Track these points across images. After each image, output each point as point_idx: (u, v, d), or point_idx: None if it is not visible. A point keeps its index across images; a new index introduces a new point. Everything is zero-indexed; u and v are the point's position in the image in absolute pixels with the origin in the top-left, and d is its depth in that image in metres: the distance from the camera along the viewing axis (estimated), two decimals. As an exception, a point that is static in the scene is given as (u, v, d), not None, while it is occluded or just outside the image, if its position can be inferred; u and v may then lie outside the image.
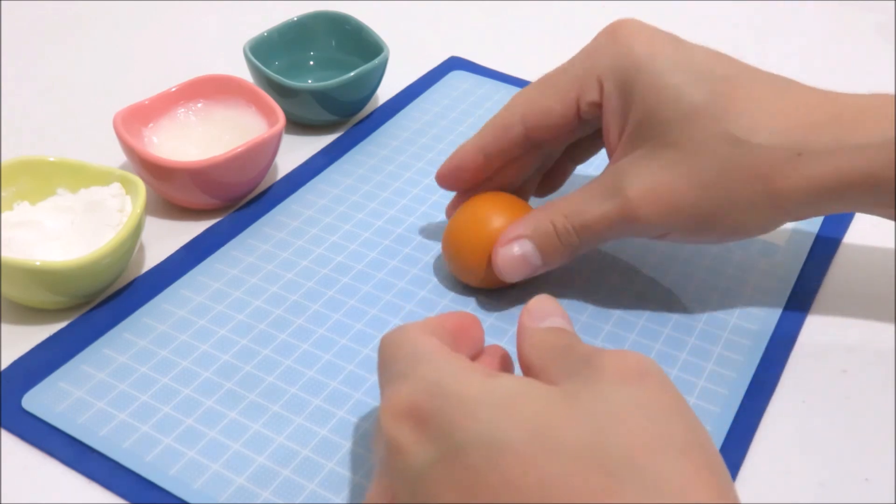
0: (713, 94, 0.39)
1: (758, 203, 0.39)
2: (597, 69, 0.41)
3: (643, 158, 0.40)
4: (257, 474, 0.37)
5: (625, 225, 0.41)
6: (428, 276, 0.46)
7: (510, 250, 0.42)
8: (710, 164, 0.39)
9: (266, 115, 0.52)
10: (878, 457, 0.39)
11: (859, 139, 0.38)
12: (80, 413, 0.39)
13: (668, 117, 0.39)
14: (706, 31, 0.70)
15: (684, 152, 0.39)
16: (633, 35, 0.41)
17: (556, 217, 0.42)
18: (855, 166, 0.38)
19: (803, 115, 0.38)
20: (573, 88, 0.42)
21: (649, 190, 0.39)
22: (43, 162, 0.47)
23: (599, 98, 0.41)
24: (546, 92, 0.43)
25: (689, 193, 0.39)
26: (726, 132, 0.38)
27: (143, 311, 0.44)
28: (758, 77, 0.40)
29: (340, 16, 0.59)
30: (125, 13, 0.69)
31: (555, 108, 0.42)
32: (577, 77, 0.42)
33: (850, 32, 0.70)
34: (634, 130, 0.40)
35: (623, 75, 0.40)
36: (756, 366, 0.42)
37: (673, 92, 0.39)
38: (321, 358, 0.42)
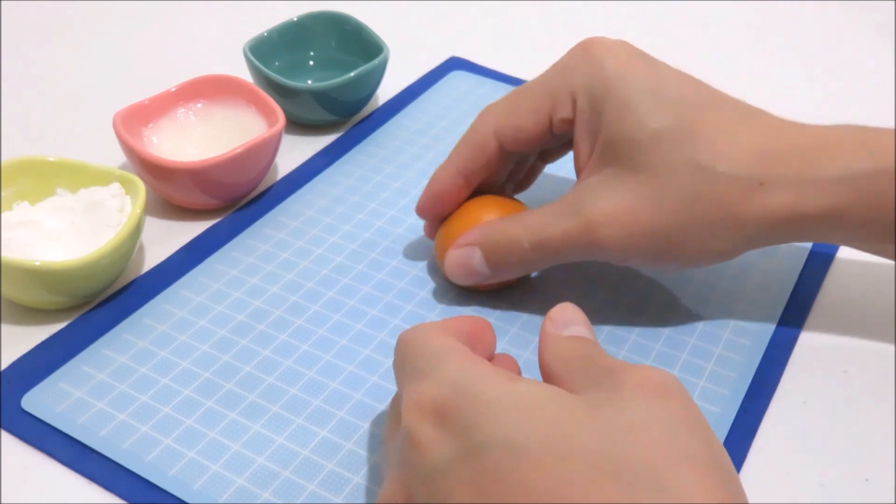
0: (680, 119, 0.39)
1: (719, 230, 0.39)
2: (570, 86, 0.41)
3: (608, 179, 0.40)
4: (257, 475, 0.37)
5: (584, 245, 0.40)
6: (427, 278, 0.46)
7: (459, 255, 0.43)
8: (674, 190, 0.39)
9: (266, 115, 0.52)
10: (878, 457, 0.39)
11: (819, 172, 0.38)
12: (80, 413, 0.39)
13: (634, 140, 0.39)
14: (705, 32, 0.70)
15: (648, 176, 0.39)
16: (606, 53, 0.41)
17: (513, 230, 0.42)
18: (814, 199, 0.38)
19: (767, 145, 0.39)
20: (546, 104, 0.42)
21: (611, 212, 0.40)
22: (43, 162, 0.47)
23: (572, 115, 0.41)
24: (519, 107, 0.43)
25: (650, 218, 0.39)
26: (691, 159, 0.38)
27: (143, 311, 0.44)
28: (726, 105, 0.40)
29: (340, 16, 0.59)
30: (125, 13, 0.69)
31: (527, 124, 0.42)
32: (551, 93, 0.42)
33: (850, 32, 0.70)
34: (603, 150, 0.40)
35: (595, 93, 0.40)
36: (756, 366, 0.42)
37: (641, 115, 0.39)
38: (321, 358, 0.42)
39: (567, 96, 0.41)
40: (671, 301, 0.45)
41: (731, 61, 0.66)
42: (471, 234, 0.43)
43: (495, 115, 0.43)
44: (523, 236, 0.41)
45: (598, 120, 0.40)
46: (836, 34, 0.70)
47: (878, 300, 0.46)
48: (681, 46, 0.68)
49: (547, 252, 0.41)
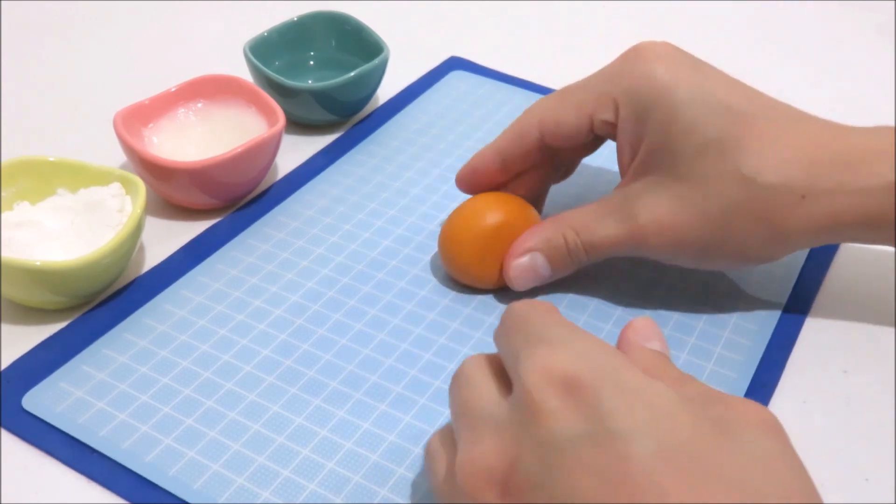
0: (726, 130, 0.39)
1: (761, 239, 0.40)
2: (616, 90, 0.42)
3: (654, 186, 0.41)
4: (257, 474, 0.37)
5: (632, 249, 0.43)
6: (428, 276, 0.46)
7: (523, 262, 0.44)
8: (718, 200, 0.40)
9: (266, 115, 0.52)
10: (878, 457, 0.39)
11: (860, 182, 0.39)
12: (80, 413, 0.39)
13: (680, 149, 0.40)
14: (705, 32, 0.70)
15: (693, 186, 0.40)
16: (656, 60, 0.41)
17: (568, 232, 0.43)
18: (855, 209, 0.39)
19: (810, 155, 0.39)
20: (589, 104, 0.43)
21: (658, 220, 0.41)
22: (43, 162, 0.47)
23: (613, 118, 0.42)
24: (564, 103, 0.44)
25: (695, 227, 0.40)
26: (735, 170, 0.39)
27: (143, 311, 0.44)
28: (771, 113, 0.41)
29: (340, 16, 0.59)
30: (125, 13, 0.69)
31: (569, 119, 0.43)
32: (595, 94, 0.42)
33: (850, 32, 0.70)
34: (647, 157, 0.41)
35: (641, 101, 0.41)
36: (756, 366, 0.42)
37: (687, 125, 0.40)
38: (321, 358, 0.42)
39: (611, 99, 0.42)
40: (671, 300, 0.45)
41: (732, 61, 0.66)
42: (529, 240, 0.44)
43: (541, 107, 0.44)
44: (578, 240, 0.43)
45: (643, 126, 0.41)
46: (836, 34, 0.70)
47: (878, 300, 0.46)
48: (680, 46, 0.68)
49: (596, 253, 0.43)
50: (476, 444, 0.29)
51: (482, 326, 0.44)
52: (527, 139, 0.44)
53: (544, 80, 0.62)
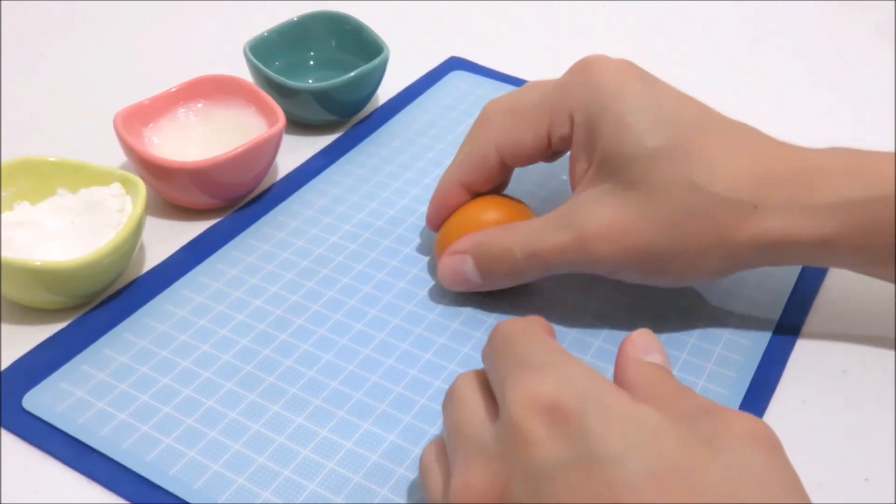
0: (676, 138, 0.39)
1: (710, 250, 0.39)
2: (568, 103, 0.42)
3: (603, 194, 0.40)
4: (257, 474, 0.37)
5: (576, 257, 0.41)
6: (427, 278, 0.46)
7: (451, 263, 0.43)
8: (668, 208, 0.39)
9: (266, 115, 0.52)
10: (878, 457, 0.39)
11: (814, 199, 0.38)
12: (81, 413, 0.39)
13: (630, 156, 0.39)
14: (705, 32, 0.70)
15: (643, 192, 0.39)
16: (604, 72, 0.41)
17: (506, 240, 0.42)
18: (807, 225, 0.38)
19: (763, 169, 0.39)
20: (545, 121, 0.42)
21: (604, 226, 0.40)
22: (43, 162, 0.47)
23: (570, 132, 0.42)
24: (518, 124, 0.43)
25: (643, 234, 0.39)
26: (686, 177, 0.39)
27: (143, 311, 0.44)
28: (723, 127, 0.40)
29: (340, 16, 0.59)
30: (125, 13, 0.69)
31: (526, 140, 0.43)
32: (549, 110, 0.42)
33: (850, 32, 0.70)
34: (598, 166, 0.41)
35: (591, 110, 0.41)
36: (756, 366, 0.42)
37: (636, 132, 0.39)
38: (321, 358, 0.42)
39: (565, 114, 0.42)
40: (670, 301, 0.45)
41: (731, 61, 0.66)
42: (463, 242, 0.43)
43: (495, 130, 0.44)
44: (516, 247, 0.42)
45: (594, 136, 0.41)
46: (836, 34, 0.70)
47: (877, 300, 0.46)
48: (680, 46, 0.68)
49: (539, 263, 0.42)
50: (469, 470, 0.30)
51: (482, 327, 0.44)
52: (487, 164, 0.44)
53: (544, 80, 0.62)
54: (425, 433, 0.39)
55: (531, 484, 0.28)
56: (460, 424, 0.32)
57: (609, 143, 0.40)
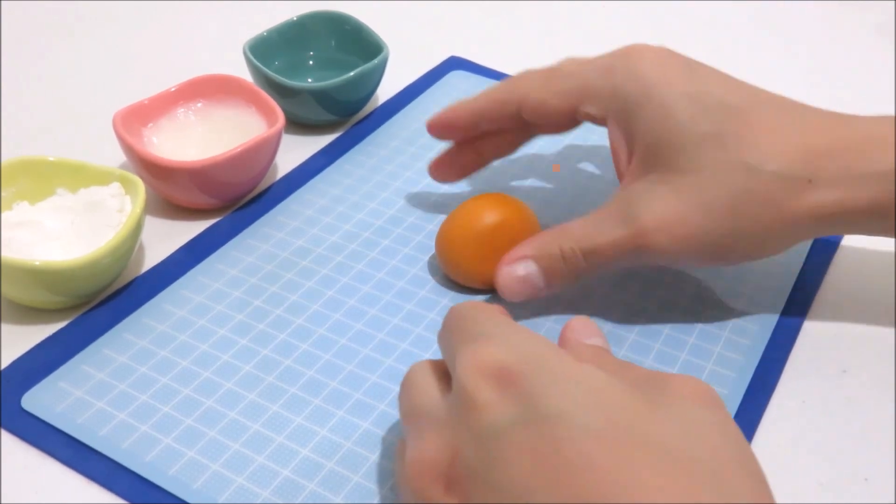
0: (724, 123, 0.39)
1: (770, 229, 0.40)
2: (607, 87, 0.42)
3: (654, 184, 0.40)
4: (257, 474, 0.37)
5: (636, 252, 0.40)
6: (427, 276, 0.46)
7: (514, 270, 0.42)
8: (723, 192, 0.39)
9: (266, 115, 0.52)
10: (878, 457, 0.39)
11: (866, 168, 0.38)
12: (80, 413, 0.39)
13: (678, 143, 0.39)
14: (705, 32, 0.70)
15: (696, 179, 0.39)
16: (647, 61, 0.41)
17: (564, 240, 0.41)
18: (861, 194, 0.39)
19: (813, 142, 0.39)
20: (576, 93, 0.43)
21: (661, 219, 0.39)
22: (43, 162, 0.47)
23: (596, 112, 0.42)
24: (550, 86, 0.43)
25: (702, 222, 0.39)
26: (738, 159, 0.39)
27: (142, 311, 0.44)
28: (769, 104, 0.40)
29: (340, 16, 0.59)
30: (125, 13, 0.69)
31: (553, 102, 0.43)
32: (583, 86, 0.42)
33: (850, 32, 0.70)
34: (644, 155, 0.41)
35: (630, 99, 0.41)
36: (756, 365, 0.42)
37: (683, 120, 0.39)
38: (321, 358, 0.42)
39: (601, 95, 0.42)
40: (671, 300, 0.45)
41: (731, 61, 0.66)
42: (523, 248, 0.42)
43: (527, 83, 0.45)
44: (576, 246, 0.41)
45: (635, 125, 0.41)
46: (836, 34, 0.70)
47: (877, 300, 0.46)
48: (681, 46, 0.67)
49: (599, 261, 0.41)
50: (419, 443, 0.30)
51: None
52: (506, 108, 0.45)
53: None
54: (425, 433, 0.39)
55: (479, 447, 0.28)
56: (412, 403, 0.32)
57: (654, 132, 0.40)
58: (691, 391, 0.29)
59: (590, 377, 0.29)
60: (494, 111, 0.45)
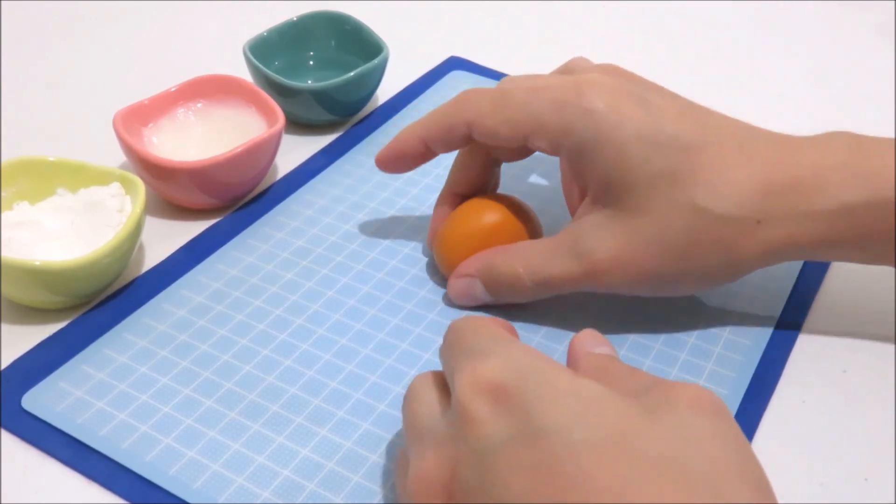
0: (676, 162, 0.39)
1: (717, 267, 0.40)
2: (559, 124, 0.41)
3: (606, 221, 0.41)
4: (257, 474, 0.37)
5: (585, 284, 0.42)
6: (427, 278, 0.46)
7: (460, 284, 0.44)
8: (674, 232, 0.39)
9: (266, 115, 0.52)
10: (878, 457, 0.39)
11: (815, 206, 0.39)
12: (80, 413, 0.39)
13: (631, 183, 0.40)
14: (705, 32, 0.70)
15: (648, 218, 0.40)
16: (599, 95, 0.40)
17: (515, 266, 0.42)
18: (810, 230, 0.39)
19: (762, 181, 0.39)
20: (527, 125, 0.41)
21: (613, 257, 0.40)
22: (43, 162, 0.47)
23: (546, 148, 0.41)
24: (500, 112, 0.42)
25: (652, 259, 0.40)
26: (689, 201, 0.39)
27: (142, 310, 0.44)
28: (721, 139, 0.40)
29: (340, 16, 0.59)
30: (125, 13, 0.69)
31: (502, 132, 0.42)
32: (534, 120, 0.41)
33: (850, 32, 0.70)
34: (596, 194, 0.41)
35: (583, 137, 0.40)
36: (756, 365, 0.42)
37: (636, 159, 0.39)
38: (321, 358, 0.42)
39: (550, 130, 0.41)
40: (670, 301, 0.45)
41: (731, 61, 0.66)
42: (471, 265, 0.43)
43: (476, 105, 0.43)
44: (524, 274, 0.42)
45: (587, 164, 0.41)
46: (836, 34, 0.70)
47: (877, 300, 0.46)
48: (680, 46, 0.68)
49: (547, 289, 0.42)
50: (421, 460, 0.30)
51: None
52: (454, 133, 0.44)
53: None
54: (425, 433, 0.39)
55: (477, 463, 0.28)
56: (415, 419, 0.32)
57: (607, 171, 0.40)
58: (693, 400, 0.29)
59: (586, 390, 0.29)
60: (444, 135, 0.44)
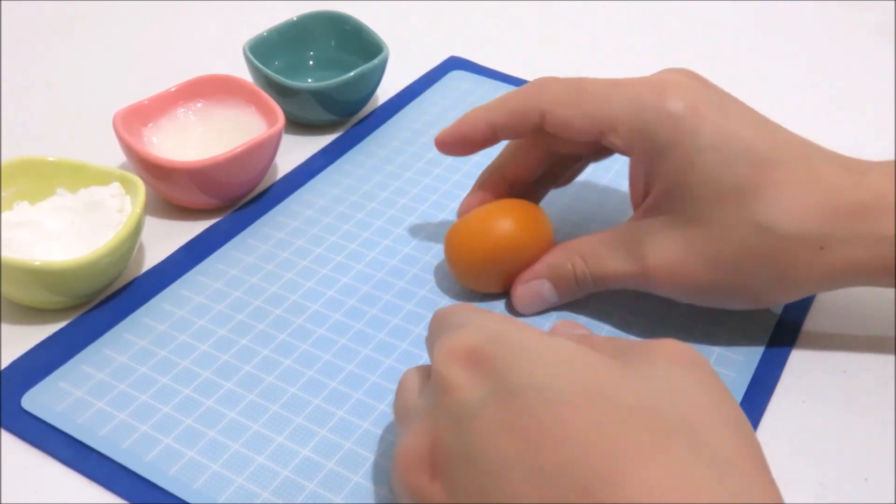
0: (745, 177, 0.38)
1: (772, 286, 0.40)
2: (633, 120, 0.40)
3: (666, 226, 0.40)
4: (257, 474, 0.37)
5: (638, 286, 0.42)
6: (427, 276, 0.46)
7: (529, 288, 0.44)
8: (732, 247, 0.39)
9: (266, 115, 0.52)
10: (878, 457, 0.39)
11: (877, 231, 0.38)
12: (80, 413, 0.39)
13: (697, 194, 0.39)
14: (705, 32, 0.70)
15: (707, 231, 0.39)
16: (678, 97, 0.39)
17: (576, 261, 0.43)
18: (871, 257, 0.38)
19: (828, 204, 0.38)
20: (603, 121, 0.41)
21: (667, 264, 0.40)
22: (43, 162, 0.47)
23: (622, 144, 0.41)
24: (576, 106, 0.41)
25: (705, 271, 0.40)
26: (752, 218, 0.38)
27: (142, 310, 0.44)
28: (791, 156, 0.39)
29: (340, 16, 0.59)
30: (125, 13, 0.69)
31: (577, 125, 0.41)
32: (610, 116, 0.41)
33: (850, 32, 0.70)
34: (661, 196, 0.41)
35: (659, 139, 0.40)
36: (755, 365, 0.42)
37: (707, 171, 0.39)
38: (321, 358, 0.42)
39: (626, 128, 0.40)
40: (670, 301, 0.45)
41: (732, 61, 0.66)
42: (538, 269, 0.43)
43: (552, 95, 0.42)
44: (586, 270, 0.43)
45: (658, 167, 0.40)
46: (836, 34, 0.70)
47: (877, 300, 0.46)
48: (680, 46, 0.68)
49: (605, 284, 0.43)
50: (405, 436, 0.31)
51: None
52: (526, 120, 0.42)
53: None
54: (425, 433, 0.39)
55: (456, 428, 0.29)
56: (401, 403, 0.33)
57: (675, 178, 0.40)
58: (670, 353, 0.30)
59: (561, 349, 0.30)
60: (515, 123, 0.43)
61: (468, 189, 0.50)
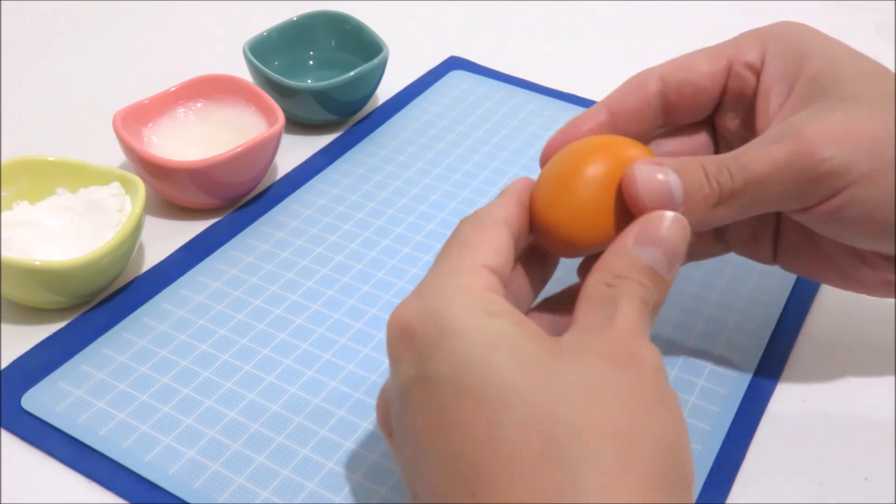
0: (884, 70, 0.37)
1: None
2: (762, 34, 0.39)
3: (818, 109, 0.35)
4: (257, 474, 0.37)
5: (802, 172, 0.34)
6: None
7: (653, 172, 0.33)
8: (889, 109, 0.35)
9: (266, 115, 0.52)
10: (878, 457, 0.39)
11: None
12: (80, 413, 0.39)
13: (845, 74, 0.36)
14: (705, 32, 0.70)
15: (865, 103, 0.35)
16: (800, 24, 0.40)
17: (707, 161, 0.34)
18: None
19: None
20: (728, 49, 0.38)
21: (828, 129, 0.34)
22: (42, 162, 0.47)
23: (759, 59, 0.38)
24: (693, 55, 0.39)
25: (873, 130, 0.34)
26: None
27: (142, 310, 0.44)
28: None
29: (340, 15, 0.59)
30: (125, 13, 0.69)
31: (701, 66, 0.38)
32: (735, 42, 0.39)
33: (850, 32, 0.70)
34: (805, 89, 0.37)
35: (793, 40, 0.38)
36: (755, 365, 0.42)
37: (849, 57, 0.37)
38: (321, 357, 0.42)
39: (757, 41, 0.38)
40: (670, 301, 0.45)
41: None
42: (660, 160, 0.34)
43: (661, 66, 0.39)
44: (733, 167, 0.34)
45: (797, 61, 0.37)
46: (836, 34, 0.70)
47: (877, 300, 0.46)
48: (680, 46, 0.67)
49: (754, 191, 0.34)
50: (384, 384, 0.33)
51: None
52: (644, 90, 0.38)
53: (544, 80, 0.62)
54: (425, 433, 0.39)
55: (397, 397, 0.30)
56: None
57: (819, 65, 0.37)
58: (610, 350, 0.29)
59: (490, 334, 0.29)
60: (630, 97, 0.38)
61: (468, 189, 0.50)
